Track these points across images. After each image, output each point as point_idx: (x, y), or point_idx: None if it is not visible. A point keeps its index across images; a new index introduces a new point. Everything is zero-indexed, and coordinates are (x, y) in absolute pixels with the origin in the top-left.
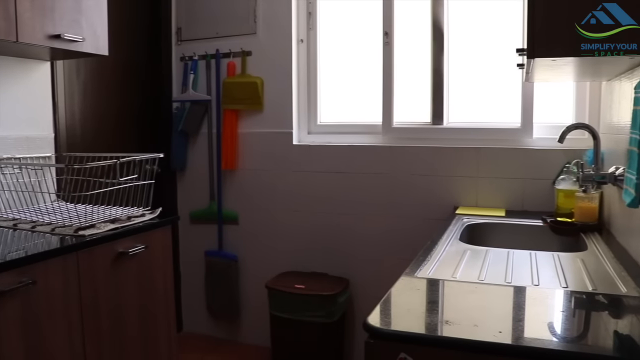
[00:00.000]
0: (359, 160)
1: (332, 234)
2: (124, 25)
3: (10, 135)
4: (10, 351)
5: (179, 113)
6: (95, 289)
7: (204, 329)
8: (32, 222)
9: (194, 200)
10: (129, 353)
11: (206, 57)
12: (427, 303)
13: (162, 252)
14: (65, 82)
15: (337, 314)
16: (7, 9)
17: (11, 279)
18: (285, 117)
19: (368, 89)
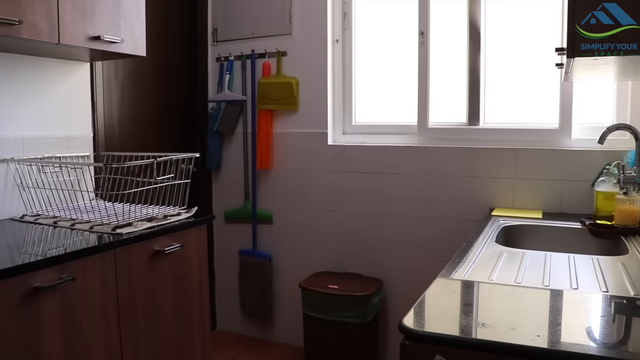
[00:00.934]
0: (393, 160)
1: (366, 234)
2: (161, 26)
3: (51, 135)
4: (50, 345)
5: (215, 113)
6: (131, 286)
7: (237, 328)
8: (71, 220)
9: (229, 199)
10: (164, 350)
11: (242, 57)
12: (463, 305)
13: (198, 251)
14: (104, 83)
15: (370, 314)
16: (50, 12)
17: (52, 275)
18: (320, 117)
19: (403, 89)
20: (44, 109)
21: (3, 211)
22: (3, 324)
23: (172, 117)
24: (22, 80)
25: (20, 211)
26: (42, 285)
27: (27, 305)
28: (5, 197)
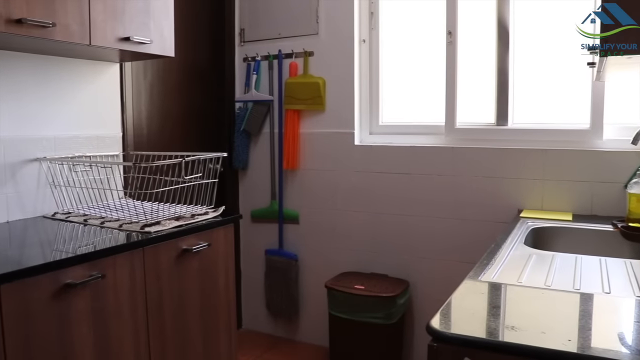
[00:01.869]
0: (421, 161)
1: (392, 235)
2: (188, 27)
3: (82, 135)
4: (80, 341)
5: (242, 113)
6: (159, 284)
7: (262, 327)
8: (101, 218)
9: (256, 199)
10: (191, 348)
11: (269, 57)
12: (491, 307)
13: (225, 250)
14: (133, 83)
15: (396, 315)
16: (82, 14)
17: (82, 272)
18: (347, 117)
19: (430, 89)
20: (75, 109)
21: (35, 209)
22: (36, 319)
23: (199, 117)
24: (54, 81)
25: (52, 209)
26: (73, 282)
27: (58, 301)
28: (38, 195)
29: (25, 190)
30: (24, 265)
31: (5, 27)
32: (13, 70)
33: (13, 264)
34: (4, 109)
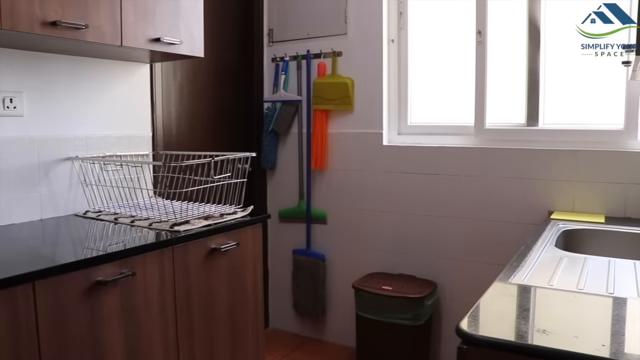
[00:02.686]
0: (449, 161)
1: (420, 235)
2: (217, 27)
3: (113, 134)
4: (111, 337)
5: (270, 113)
6: (188, 283)
7: (289, 327)
8: (131, 217)
9: (283, 199)
10: (219, 346)
11: (297, 57)
12: (522, 310)
13: (253, 250)
14: (163, 84)
15: (424, 317)
16: (113, 15)
17: (113, 270)
18: (375, 117)
19: (460, 89)
20: (106, 109)
21: (68, 207)
22: (68, 315)
23: (228, 117)
24: (86, 81)
25: (84, 207)
26: (104, 280)
27: (90, 297)
28: (70, 193)
29: (58, 189)
30: (56, 262)
31: (41, 30)
32: (47, 71)
33: (46, 261)
34: (39, 109)
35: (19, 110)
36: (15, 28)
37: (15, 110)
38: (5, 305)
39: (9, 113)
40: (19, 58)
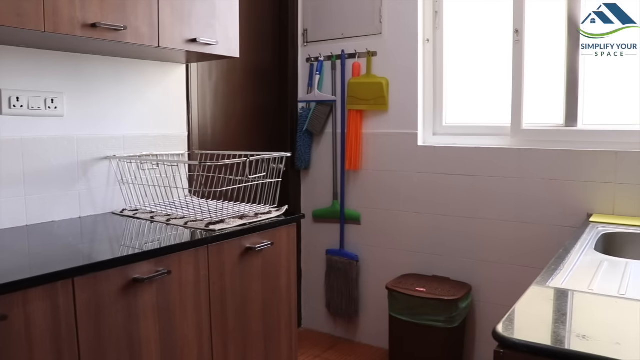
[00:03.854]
0: (485, 162)
1: (455, 237)
2: (252, 28)
3: (150, 134)
4: (147, 333)
5: (305, 113)
6: (223, 281)
7: (322, 327)
8: (167, 216)
9: (317, 199)
10: (252, 345)
11: (331, 58)
12: (560, 315)
13: (287, 249)
14: (198, 84)
15: (458, 319)
16: (151, 17)
17: (149, 268)
18: (410, 117)
19: (496, 89)
20: (143, 109)
21: (105, 205)
22: (106, 311)
23: (262, 117)
24: (124, 82)
25: (120, 206)
26: (140, 277)
27: (126, 295)
28: (108, 192)
29: (96, 188)
30: (94, 259)
31: (82, 31)
32: (87, 72)
33: (85, 258)
34: (78, 109)
35: (60, 110)
36: (58, 30)
37: (56, 110)
38: (47, 300)
39: (50, 113)
40: (60, 59)
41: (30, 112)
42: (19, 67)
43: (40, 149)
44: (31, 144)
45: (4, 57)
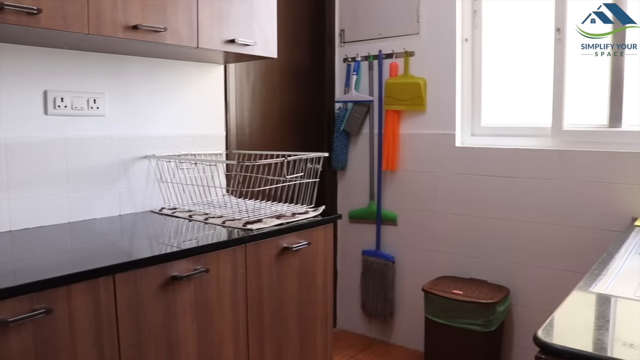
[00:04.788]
0: (525, 164)
1: (493, 240)
2: (290, 28)
3: (188, 134)
4: (185, 330)
5: (342, 113)
6: (260, 280)
7: (356, 328)
8: (205, 214)
9: (354, 199)
10: (287, 344)
11: (369, 58)
12: (604, 321)
13: (324, 250)
14: (236, 84)
15: (495, 323)
16: (190, 18)
17: (187, 266)
18: (447, 118)
19: (536, 89)
20: (182, 109)
21: (144, 203)
22: (145, 307)
23: (299, 117)
24: (163, 82)
25: (159, 204)
26: (179, 275)
27: (165, 292)
28: (147, 190)
29: (136, 186)
30: (134, 256)
31: (123, 33)
32: (127, 73)
33: (124, 255)
34: (119, 109)
35: (102, 110)
36: (101, 33)
37: (98, 110)
38: (89, 295)
39: (92, 113)
40: (102, 61)
41: (74, 112)
42: (63, 69)
43: (82, 148)
44: (74, 143)
45: (49, 59)
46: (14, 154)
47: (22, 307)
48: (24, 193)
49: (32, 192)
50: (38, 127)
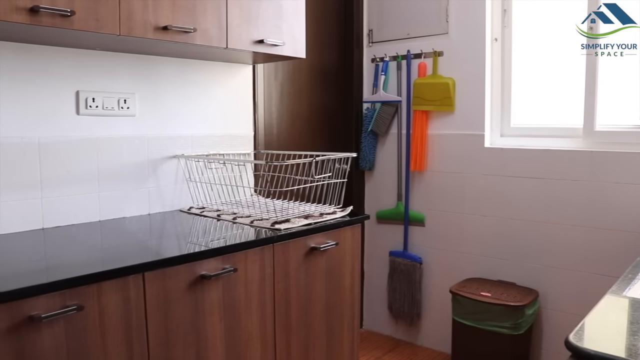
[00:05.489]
0: (555, 165)
1: (522, 242)
2: (318, 28)
3: (217, 134)
4: (212, 330)
5: (369, 114)
6: (287, 280)
7: (383, 329)
8: (233, 214)
9: (381, 200)
10: (314, 344)
11: (397, 58)
12: (638, 327)
13: (351, 250)
14: (265, 84)
15: (524, 326)
16: (220, 19)
17: (216, 265)
18: (477, 118)
19: (567, 89)
20: (210, 109)
21: (173, 203)
22: (174, 306)
23: (327, 117)
24: (191, 83)
25: (188, 203)
26: (207, 274)
27: (194, 291)
28: (176, 189)
29: (165, 185)
30: (163, 255)
31: (154, 34)
32: (157, 73)
33: (153, 254)
34: (149, 109)
35: (132, 110)
36: (132, 34)
37: (129, 110)
38: (119, 293)
39: (123, 113)
40: (132, 61)
41: (105, 112)
42: (95, 69)
43: (113, 148)
44: (105, 143)
45: (81, 59)
46: (47, 154)
47: (55, 303)
48: (56, 192)
49: (64, 191)
50: (70, 127)
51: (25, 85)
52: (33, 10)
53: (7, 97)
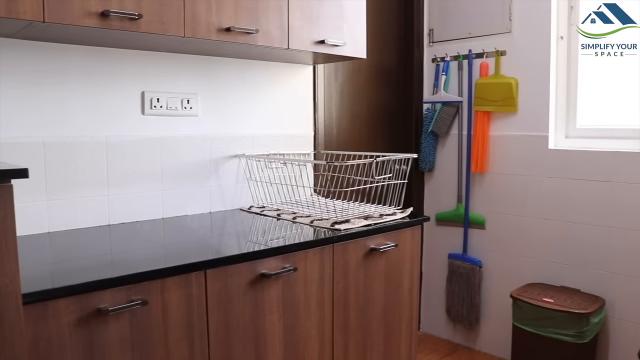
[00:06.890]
0: (624, 168)
1: (587, 247)
2: (378, 28)
3: (277, 133)
4: (272, 328)
5: (430, 114)
6: (346, 281)
7: (441, 332)
8: (293, 214)
9: (441, 201)
10: (372, 345)
11: (458, 57)
12: None
13: (411, 252)
14: (325, 84)
15: (589, 335)
16: (281, 20)
17: (276, 264)
18: (540, 119)
19: (636, 89)
20: (271, 109)
21: (234, 201)
22: (234, 303)
23: (387, 118)
24: (253, 83)
25: (248, 202)
26: (267, 273)
27: (254, 289)
28: (237, 188)
29: (226, 184)
30: (224, 253)
31: (217, 35)
32: (219, 74)
33: (214, 251)
34: (211, 109)
35: (195, 110)
36: (196, 35)
37: (192, 110)
38: (181, 289)
39: (186, 113)
40: (195, 62)
41: (169, 112)
42: (159, 70)
43: (176, 147)
44: (168, 142)
45: (147, 61)
46: (114, 152)
47: (121, 297)
48: (122, 189)
49: (129, 188)
50: (136, 127)
51: (95, 86)
52: (103, 14)
53: (79, 97)
